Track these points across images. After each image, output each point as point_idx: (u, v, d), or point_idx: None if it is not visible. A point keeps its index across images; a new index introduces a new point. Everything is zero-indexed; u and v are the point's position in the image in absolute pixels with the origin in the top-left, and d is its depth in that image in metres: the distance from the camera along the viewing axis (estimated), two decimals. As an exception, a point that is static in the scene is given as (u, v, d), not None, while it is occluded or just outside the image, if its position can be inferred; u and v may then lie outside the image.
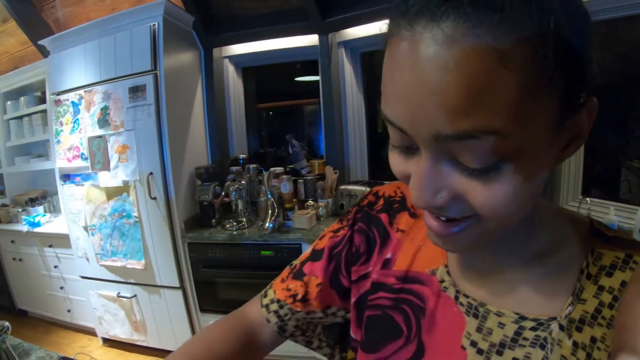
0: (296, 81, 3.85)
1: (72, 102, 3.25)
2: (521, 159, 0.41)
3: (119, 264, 3.26)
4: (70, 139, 3.30)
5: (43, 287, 4.09)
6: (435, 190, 0.45)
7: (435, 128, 0.41)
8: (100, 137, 3.11)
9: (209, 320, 3.19)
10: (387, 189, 0.77)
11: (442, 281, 0.62)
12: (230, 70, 3.72)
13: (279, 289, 0.81)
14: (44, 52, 3.70)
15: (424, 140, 0.43)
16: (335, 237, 0.78)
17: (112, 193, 3.14)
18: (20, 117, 4.20)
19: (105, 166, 3.11)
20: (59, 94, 3.37)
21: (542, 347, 0.51)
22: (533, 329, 0.52)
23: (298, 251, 2.75)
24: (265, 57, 3.58)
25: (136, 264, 3.18)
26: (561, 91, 0.41)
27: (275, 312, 0.80)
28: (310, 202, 3.11)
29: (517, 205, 0.44)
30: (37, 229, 3.85)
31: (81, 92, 3.19)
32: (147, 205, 3.04)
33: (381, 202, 0.75)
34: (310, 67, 3.51)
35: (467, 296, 0.59)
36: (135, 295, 3.34)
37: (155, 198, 2.99)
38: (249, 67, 3.85)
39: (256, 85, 3.98)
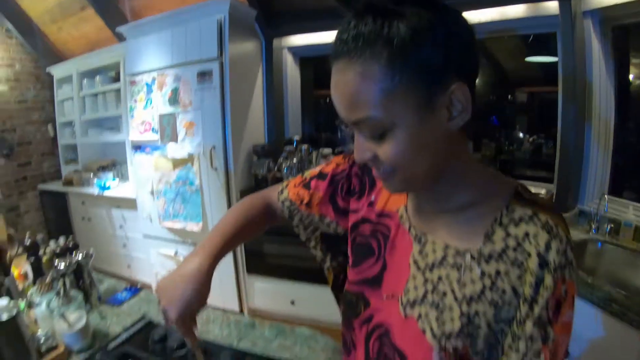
0: None
1: (146, 82, 3.64)
2: (396, 128, 0.64)
3: (178, 225, 3.63)
4: (143, 114, 3.70)
5: (107, 245, 4.48)
6: (362, 151, 0.71)
7: (347, 118, 0.68)
8: (170, 114, 3.50)
9: (255, 281, 3.52)
10: None
11: (401, 217, 0.85)
12: (289, 60, 3.95)
13: (291, 192, 1.07)
14: (120, 38, 4.04)
15: (348, 124, 0.70)
16: (337, 169, 1.01)
17: (177, 163, 3.51)
18: (95, 95, 4.59)
19: (173, 139, 3.50)
20: (133, 75, 3.75)
21: (458, 269, 0.72)
22: (453, 256, 0.73)
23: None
24: (323, 48, 3.68)
25: (194, 226, 3.53)
26: (418, 86, 0.62)
27: (287, 207, 1.07)
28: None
29: (409, 158, 0.67)
30: (106, 192, 4.25)
31: (154, 74, 3.57)
32: (208, 175, 3.39)
33: None
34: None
35: (415, 228, 0.81)
36: (191, 255, 3.67)
37: (216, 169, 3.34)
38: (306, 57, 4.05)
39: (314, 73, 4.17)
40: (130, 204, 4.07)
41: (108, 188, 4.29)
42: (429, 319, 0.74)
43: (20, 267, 1.88)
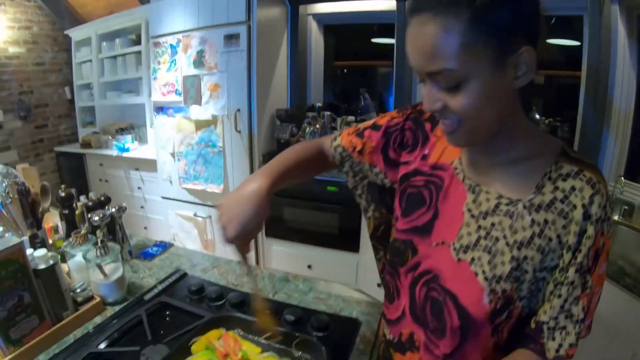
0: (372, 42, 3.83)
1: (171, 44, 3.43)
2: (472, 81, 0.66)
3: (199, 187, 3.49)
4: (166, 76, 3.50)
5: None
6: (433, 102, 0.72)
7: (423, 68, 0.69)
8: (194, 76, 3.31)
9: (274, 244, 3.43)
10: None
11: (455, 169, 0.87)
12: (313, 27, 3.81)
13: (345, 139, 1.08)
14: (142, 0, 3.87)
15: (422, 75, 0.72)
16: (391, 122, 1.02)
17: (200, 125, 3.35)
18: (114, 57, 4.40)
19: (197, 101, 3.31)
20: (157, 37, 3.55)
21: (510, 217, 0.77)
22: (506, 204, 0.78)
23: (360, 189, 2.90)
24: (346, 17, 3.62)
25: (215, 188, 3.40)
26: (493, 44, 0.65)
27: (340, 153, 1.08)
28: None
29: (478, 110, 0.69)
30: (125, 154, 4.09)
31: (179, 36, 3.37)
32: (231, 137, 3.25)
33: (428, 114, 0.97)
34: (385, 30, 3.58)
35: (469, 179, 0.85)
36: (210, 216, 3.57)
37: (240, 131, 3.19)
38: (330, 25, 3.92)
39: (335, 42, 4.04)
40: (149, 166, 3.93)
41: (127, 150, 4.14)
42: (482, 263, 0.78)
43: (50, 221, 1.79)
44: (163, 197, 3.83)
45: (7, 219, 1.53)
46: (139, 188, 4.17)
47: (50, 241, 1.68)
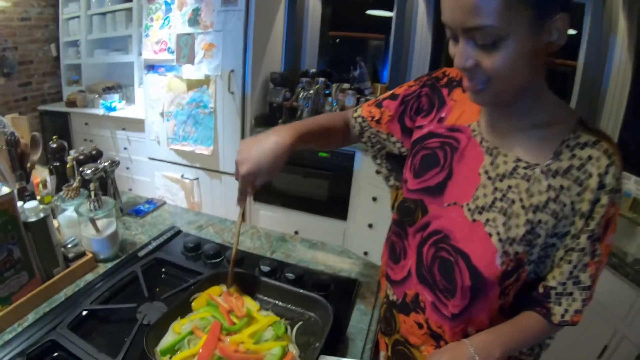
0: (367, 15, 3.74)
1: (165, 1, 3.23)
2: (509, 40, 0.65)
3: (188, 148, 3.38)
4: (159, 33, 3.32)
5: (110, 167, 4.19)
6: (466, 57, 0.69)
7: (461, 24, 0.66)
8: (188, 34, 3.14)
9: (261, 209, 3.37)
10: (452, 71, 0.96)
11: (473, 131, 0.86)
12: None
13: (365, 110, 1.09)
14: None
15: (458, 30, 0.68)
16: (409, 90, 1.01)
17: (192, 85, 3.21)
18: (104, 14, 4.17)
19: (190, 60, 3.16)
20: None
21: (527, 180, 0.77)
22: (524, 168, 0.78)
23: (352, 157, 2.87)
24: None
25: (204, 150, 3.30)
26: (535, 6, 0.63)
27: (359, 123, 1.09)
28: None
29: (510, 70, 0.68)
30: (112, 113, 3.93)
31: (174, -8, 3.19)
32: (224, 98, 3.12)
33: (445, 80, 0.95)
34: (380, 2, 3.50)
35: (487, 141, 0.84)
36: (197, 178, 3.47)
37: (232, 93, 3.07)
38: None
39: (331, 12, 3.87)
40: (136, 126, 3.79)
41: (114, 109, 3.97)
42: (496, 224, 0.79)
43: (38, 177, 1.69)
44: (150, 158, 3.70)
45: None
46: (125, 148, 4.04)
47: (38, 197, 1.58)
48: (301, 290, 1.09)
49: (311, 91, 3.11)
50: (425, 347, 0.94)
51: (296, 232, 3.23)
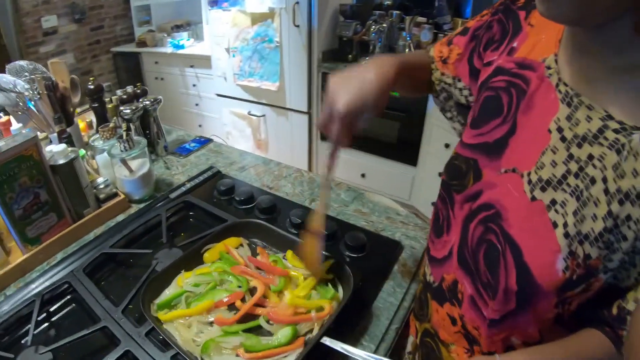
0: None
1: None
2: None
3: (254, 84, 3.31)
4: (222, -36, 3.20)
5: (180, 104, 4.30)
6: None
7: None
8: (251, -37, 2.99)
9: (327, 149, 3.20)
10: None
11: (548, 67, 0.61)
12: None
13: (436, 49, 0.88)
14: None
15: None
16: (480, 21, 0.79)
17: (257, 18, 3.09)
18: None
19: (254, -8, 3.03)
20: None
21: (618, 152, 0.50)
22: (615, 131, 0.51)
23: (425, 97, 2.60)
24: None
25: (270, 86, 3.21)
26: None
27: (429, 64, 0.89)
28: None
29: None
30: (180, 51, 3.94)
31: None
32: (289, 32, 2.98)
33: (523, 0, 0.71)
34: None
35: (566, 85, 0.58)
36: (264, 115, 3.43)
37: (298, 26, 2.91)
38: None
39: None
40: (203, 63, 3.77)
41: (182, 47, 3.97)
42: (565, 210, 0.54)
43: (87, 119, 1.74)
44: (217, 95, 3.70)
45: (38, 117, 1.44)
46: (194, 85, 4.05)
47: (86, 138, 1.59)
48: (323, 253, 0.93)
49: (384, 25, 2.86)
50: (456, 347, 0.75)
51: (363, 175, 3.16)
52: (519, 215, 0.59)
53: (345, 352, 0.74)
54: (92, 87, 1.55)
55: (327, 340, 0.75)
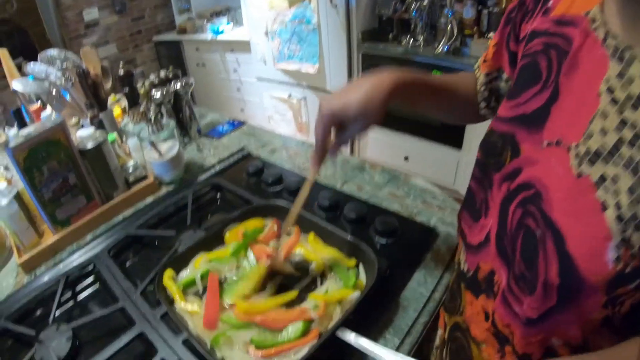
0: None
1: None
2: None
3: (293, 67, 3.28)
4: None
5: (221, 89, 4.34)
6: None
7: None
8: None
9: (370, 131, 3.14)
10: None
11: (593, 21, 0.51)
12: None
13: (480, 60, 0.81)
14: None
15: None
16: (514, 1, 0.71)
17: (294, 0, 3.04)
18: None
19: (290, -28, 2.98)
20: None
21: None
22: None
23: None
24: None
25: (310, 68, 3.17)
26: None
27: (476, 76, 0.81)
28: (492, 35, 2.70)
29: None
30: (220, 37, 3.95)
31: None
32: (327, 12, 2.92)
33: None
34: None
35: (615, 37, 0.48)
36: (304, 98, 3.40)
37: (336, 6, 2.85)
38: None
39: None
40: (244, 47, 3.76)
41: (221, 32, 3.98)
42: (617, 188, 0.43)
43: (122, 105, 1.76)
44: (258, 79, 3.70)
45: (72, 104, 1.46)
46: (234, 71, 4.07)
47: (119, 120, 1.62)
48: (349, 237, 0.89)
49: (424, 2, 2.74)
50: (487, 347, 0.66)
51: (406, 158, 3.09)
52: (562, 195, 0.49)
53: (362, 350, 0.69)
54: (121, 73, 1.57)
55: (345, 333, 0.70)
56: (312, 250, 0.89)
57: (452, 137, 2.77)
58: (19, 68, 1.49)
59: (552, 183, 0.51)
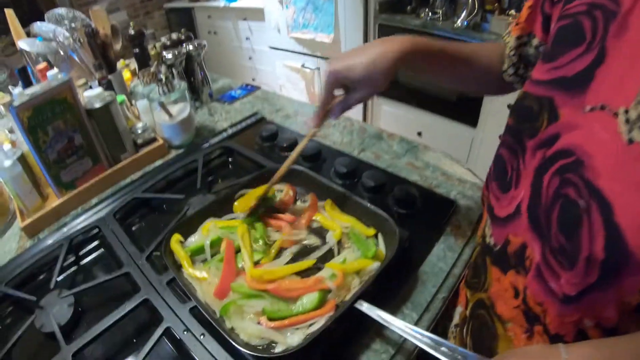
0: None
1: None
2: None
3: (308, 36, 3.20)
4: None
5: (233, 58, 4.26)
6: None
7: None
8: None
9: (383, 104, 3.14)
10: None
11: None
12: None
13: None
14: None
15: None
16: None
17: (310, -34, 2.94)
18: None
19: (307, -64, 2.87)
20: None
21: None
22: None
23: (489, 50, 2.44)
24: None
25: (325, 38, 3.09)
26: None
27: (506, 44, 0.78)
28: (513, 12, 2.64)
29: None
30: (233, 4, 3.86)
31: None
32: (344, -20, 2.82)
33: None
34: None
35: None
36: (318, 68, 3.32)
37: (353, -27, 2.75)
38: None
39: None
40: (257, 15, 3.67)
41: (235, 0, 3.89)
42: None
43: (132, 67, 1.72)
44: (271, 47, 3.62)
45: (80, 66, 1.42)
46: (247, 39, 3.98)
47: (129, 84, 1.57)
48: (369, 205, 0.84)
49: (447, -31, 2.64)
50: (513, 325, 0.62)
51: (419, 134, 3.02)
52: (609, 162, 0.45)
53: (382, 321, 0.65)
54: (132, 32, 1.51)
55: (362, 305, 0.66)
56: (329, 217, 0.85)
57: (468, 115, 2.68)
58: (28, 35, 1.44)
59: (597, 150, 0.46)
